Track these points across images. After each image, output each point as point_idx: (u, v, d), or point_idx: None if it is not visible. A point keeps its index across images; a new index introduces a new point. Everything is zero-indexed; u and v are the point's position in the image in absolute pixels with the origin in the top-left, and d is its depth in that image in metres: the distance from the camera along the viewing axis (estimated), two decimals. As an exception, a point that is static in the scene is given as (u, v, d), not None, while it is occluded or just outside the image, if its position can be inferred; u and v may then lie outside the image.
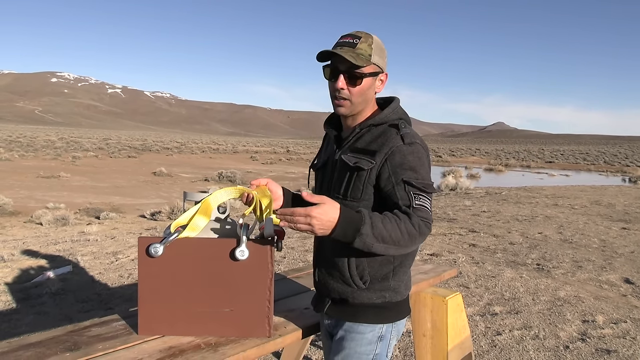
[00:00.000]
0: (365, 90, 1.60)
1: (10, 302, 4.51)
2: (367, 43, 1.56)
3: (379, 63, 1.59)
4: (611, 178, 30.05)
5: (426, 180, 1.53)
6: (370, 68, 1.58)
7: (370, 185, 1.56)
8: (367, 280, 1.61)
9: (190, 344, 1.61)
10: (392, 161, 1.52)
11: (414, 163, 1.53)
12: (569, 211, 10.47)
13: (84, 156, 31.28)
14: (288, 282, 2.46)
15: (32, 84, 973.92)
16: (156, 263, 1.61)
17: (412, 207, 1.48)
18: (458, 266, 5.69)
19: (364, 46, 1.56)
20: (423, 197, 1.50)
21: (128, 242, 7.05)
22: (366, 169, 1.55)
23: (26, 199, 13.22)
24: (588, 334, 3.81)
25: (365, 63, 1.55)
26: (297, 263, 5.76)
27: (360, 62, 1.54)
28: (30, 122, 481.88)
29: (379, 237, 1.40)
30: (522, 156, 59.97)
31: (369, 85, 1.60)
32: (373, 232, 1.39)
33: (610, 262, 6.00)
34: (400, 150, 1.53)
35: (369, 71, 1.58)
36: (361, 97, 1.60)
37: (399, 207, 1.49)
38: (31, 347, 1.55)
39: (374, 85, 1.62)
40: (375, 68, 1.59)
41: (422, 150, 1.56)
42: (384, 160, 1.53)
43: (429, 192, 1.52)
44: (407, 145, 1.54)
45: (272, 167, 31.74)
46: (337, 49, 1.55)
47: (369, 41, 1.57)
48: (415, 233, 1.44)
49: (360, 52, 1.55)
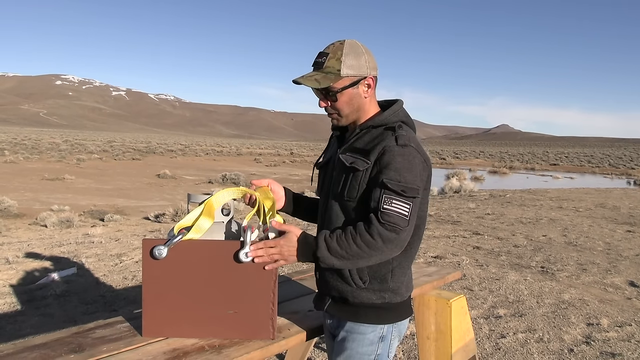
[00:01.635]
0: (349, 102, 1.60)
1: (15, 303, 4.52)
2: (335, 58, 1.56)
3: (353, 73, 1.57)
4: (616, 181, 29.93)
5: (409, 184, 1.49)
6: (343, 82, 1.57)
7: (365, 185, 1.57)
8: (367, 280, 1.61)
9: (194, 346, 1.61)
10: (381, 161, 1.52)
11: (401, 165, 1.50)
12: (573, 214, 10.43)
13: (89, 158, 31.38)
14: (292, 284, 2.46)
15: (36, 86, 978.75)
16: (160, 265, 1.62)
17: (379, 212, 1.48)
18: (462, 269, 5.68)
19: (332, 62, 1.56)
20: (398, 202, 1.47)
21: (132, 244, 7.06)
22: (361, 169, 1.56)
23: (31, 201, 13.27)
24: (593, 337, 3.79)
25: (334, 80, 1.55)
26: (300, 265, 5.75)
27: (326, 82, 1.55)
28: (34, 125, 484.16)
29: (337, 255, 1.49)
30: (527, 159, 59.83)
31: (350, 96, 1.60)
32: (330, 253, 1.49)
33: (615, 265, 5.97)
34: (390, 150, 1.52)
35: (342, 85, 1.57)
36: (348, 109, 1.62)
37: (370, 210, 1.51)
38: (36, 348, 1.56)
39: (357, 93, 1.61)
40: (351, 79, 1.58)
41: (414, 154, 1.53)
42: (375, 161, 1.54)
43: (408, 196, 1.48)
44: (400, 146, 1.52)
45: (276, 169, 31.76)
46: (303, 77, 1.58)
47: (337, 55, 1.56)
48: (374, 242, 1.46)
49: (328, 70, 1.56)
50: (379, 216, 1.47)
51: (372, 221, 1.47)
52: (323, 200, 1.74)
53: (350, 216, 1.61)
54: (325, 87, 1.57)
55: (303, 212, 1.93)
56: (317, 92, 1.63)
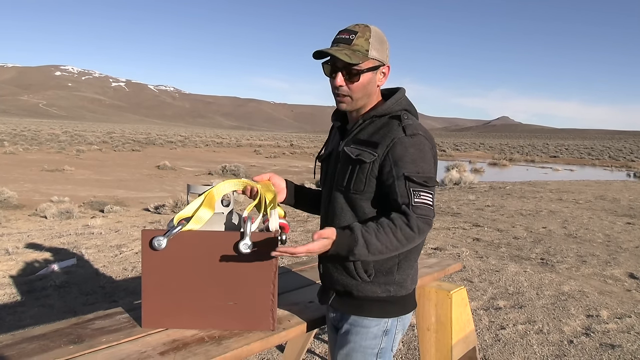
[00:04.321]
0: (365, 86, 1.57)
1: (14, 294, 4.53)
2: (364, 37, 1.53)
3: (378, 57, 1.56)
4: (616, 173, 29.91)
5: (428, 173, 1.50)
6: (368, 63, 1.54)
7: (373, 178, 1.55)
8: (372, 273, 1.60)
9: (194, 337, 1.60)
10: (393, 154, 1.50)
11: (415, 156, 1.50)
12: (573, 206, 10.43)
13: (88, 150, 31.34)
14: (292, 275, 2.45)
15: (36, 77, 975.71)
16: (160, 256, 1.61)
17: (411, 206, 1.46)
18: (462, 260, 5.68)
19: (361, 41, 1.53)
20: (424, 193, 1.48)
21: (132, 235, 7.06)
22: (368, 161, 1.53)
23: (30, 192, 13.26)
24: (592, 329, 3.79)
25: (362, 59, 1.52)
26: (301, 256, 5.76)
27: (356, 59, 1.51)
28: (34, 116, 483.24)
29: (375, 252, 1.44)
30: (527, 151, 59.77)
31: (368, 80, 1.57)
32: (368, 251, 1.43)
33: (614, 257, 5.98)
34: (401, 142, 1.50)
35: (368, 66, 1.54)
36: (362, 92, 1.58)
37: (398, 204, 1.48)
38: (35, 339, 1.55)
39: (374, 79, 1.59)
40: (375, 62, 1.56)
41: (424, 142, 1.54)
42: (385, 153, 1.51)
43: (430, 186, 1.50)
44: (409, 137, 1.51)
45: (276, 160, 31.74)
46: (332, 48, 1.53)
47: (366, 35, 1.53)
48: (413, 235, 1.45)
49: (357, 48, 1.52)
50: (412, 209, 1.46)
51: (408, 214, 1.46)
52: (326, 193, 1.72)
53: (356, 209, 1.60)
54: (351, 65, 1.52)
55: (305, 204, 1.92)
56: (333, 70, 1.57)
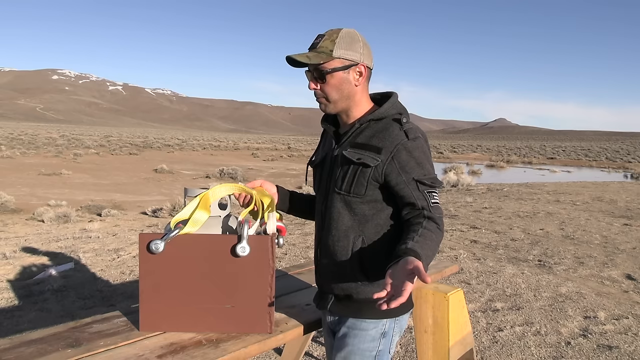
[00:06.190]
0: (338, 86, 1.58)
1: (12, 299, 4.52)
2: (330, 39, 1.55)
3: (346, 56, 1.56)
4: (613, 174, 29.99)
5: (432, 174, 1.57)
6: (334, 62, 1.55)
7: (375, 182, 1.56)
8: (371, 275, 1.60)
9: (192, 340, 1.61)
10: (399, 159, 1.53)
11: (421, 159, 1.55)
12: (570, 207, 10.45)
13: (86, 153, 31.28)
14: (289, 278, 2.46)
15: (33, 81, 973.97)
16: (157, 259, 1.61)
17: (431, 208, 1.52)
18: (459, 262, 5.69)
19: (326, 43, 1.55)
20: (435, 194, 1.56)
21: (129, 239, 7.06)
22: (372, 165, 1.54)
23: (28, 196, 13.23)
24: (590, 330, 3.80)
25: (325, 59, 1.54)
26: (298, 259, 5.76)
27: (317, 59, 1.53)
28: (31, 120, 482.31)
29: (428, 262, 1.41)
30: (524, 152, 59.87)
31: (340, 80, 1.58)
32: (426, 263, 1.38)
33: (612, 259, 5.99)
34: (406, 147, 1.53)
35: (333, 66, 1.55)
36: (337, 93, 1.59)
37: (416, 208, 1.53)
38: (33, 343, 1.55)
39: (348, 79, 1.58)
40: (343, 62, 1.56)
41: (425, 144, 1.59)
42: (390, 158, 1.53)
43: (436, 186, 1.56)
44: (412, 140, 1.54)
45: (273, 163, 31.72)
46: (295, 54, 1.56)
47: (332, 37, 1.56)
48: (442, 235, 1.53)
49: (321, 50, 1.55)
50: (434, 211, 1.52)
51: (433, 217, 1.51)
52: (321, 198, 1.72)
53: (354, 212, 1.60)
54: (316, 67, 1.56)
55: (298, 209, 1.92)
56: (308, 74, 1.61)
